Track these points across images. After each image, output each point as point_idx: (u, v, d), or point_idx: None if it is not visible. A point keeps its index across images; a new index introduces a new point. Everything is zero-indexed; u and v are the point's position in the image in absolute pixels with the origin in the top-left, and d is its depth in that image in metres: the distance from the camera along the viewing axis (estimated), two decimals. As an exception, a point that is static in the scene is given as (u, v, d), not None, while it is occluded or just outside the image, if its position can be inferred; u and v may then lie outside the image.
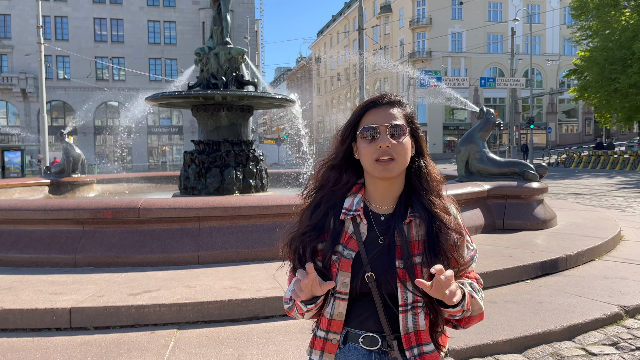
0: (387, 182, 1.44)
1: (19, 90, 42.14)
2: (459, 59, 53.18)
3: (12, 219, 5.59)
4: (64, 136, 12.16)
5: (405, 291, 1.35)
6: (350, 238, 1.42)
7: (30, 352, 3.44)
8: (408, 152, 1.44)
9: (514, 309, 4.13)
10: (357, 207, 1.45)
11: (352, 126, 1.49)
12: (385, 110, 1.45)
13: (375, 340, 1.39)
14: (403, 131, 1.42)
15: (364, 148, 1.42)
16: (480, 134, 7.96)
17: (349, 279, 1.39)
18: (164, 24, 46.15)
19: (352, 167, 1.52)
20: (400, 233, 1.39)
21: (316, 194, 1.54)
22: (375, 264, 1.38)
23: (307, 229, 1.47)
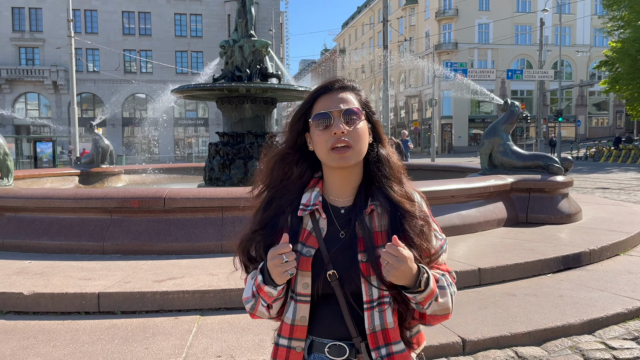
0: (345, 172, 1.35)
1: (50, 82, 43.17)
2: (486, 50, 52.36)
3: (44, 207, 5.80)
4: (93, 128, 12.47)
5: (370, 286, 1.26)
6: (310, 235, 1.33)
7: (60, 334, 3.59)
8: (365, 138, 1.34)
9: (534, 302, 4.12)
10: (315, 201, 1.36)
11: (302, 114, 1.38)
12: (338, 95, 1.35)
13: (342, 349, 1.28)
14: (358, 116, 1.33)
15: (318, 136, 1.32)
16: (504, 127, 7.88)
17: (309, 278, 1.29)
18: (190, 16, 46.61)
19: (305, 159, 1.41)
20: (362, 224, 1.30)
21: (267, 190, 1.42)
22: (337, 260, 1.29)
23: (257, 227, 1.38)
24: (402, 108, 61.18)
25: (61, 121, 40.86)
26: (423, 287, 1.23)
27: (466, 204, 6.64)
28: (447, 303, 1.29)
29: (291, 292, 1.32)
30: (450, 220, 6.29)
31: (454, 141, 52.36)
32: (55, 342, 3.44)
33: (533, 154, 7.99)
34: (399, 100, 60.84)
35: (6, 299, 4.06)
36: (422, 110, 55.60)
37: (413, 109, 58.70)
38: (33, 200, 5.91)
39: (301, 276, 1.29)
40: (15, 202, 5.94)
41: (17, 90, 43.55)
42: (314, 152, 1.37)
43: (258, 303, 1.32)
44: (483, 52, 52.72)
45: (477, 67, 47.85)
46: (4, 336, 3.58)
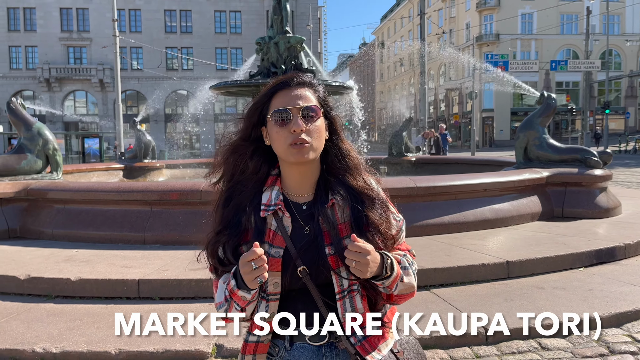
0: (303, 167, 1.36)
1: (97, 80, 44.75)
2: (529, 41, 50.89)
3: (90, 199, 6.15)
4: (136, 124, 12.97)
5: (340, 278, 1.30)
6: (275, 234, 1.34)
7: (103, 316, 3.86)
8: (322, 134, 1.36)
9: (562, 295, 4.12)
10: (277, 200, 1.36)
11: (259, 107, 1.39)
12: (297, 92, 1.36)
13: (321, 335, 1.33)
14: (316, 113, 1.35)
15: (277, 133, 1.33)
16: (540, 120, 7.77)
17: (279, 278, 1.31)
18: (230, 13, 47.29)
19: (260, 153, 1.41)
20: (325, 218, 1.33)
21: (224, 184, 1.43)
22: (305, 256, 1.32)
23: (221, 227, 1.39)
24: (442, 101, 60.29)
25: (107, 118, 42.36)
26: (389, 273, 1.29)
27: (499, 197, 6.61)
28: (411, 282, 1.36)
29: (262, 293, 1.33)
30: (482, 214, 6.30)
31: (496, 135, 51.26)
32: (99, 325, 3.70)
33: (570, 147, 7.87)
34: (438, 94, 60.00)
35: (55, 284, 4.38)
36: (462, 103, 54.66)
37: (453, 102, 57.76)
38: (80, 193, 6.27)
39: (271, 277, 1.30)
40: (64, 195, 6.32)
41: (66, 89, 45.35)
42: (270, 146, 1.38)
43: (231, 307, 1.31)
44: (526, 43, 51.26)
45: (519, 59, 46.62)
46: (52, 318, 3.87)
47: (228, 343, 3.31)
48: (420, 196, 6.15)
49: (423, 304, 3.93)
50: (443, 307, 3.85)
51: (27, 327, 3.71)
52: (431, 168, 11.96)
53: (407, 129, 12.99)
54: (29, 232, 6.37)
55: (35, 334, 3.56)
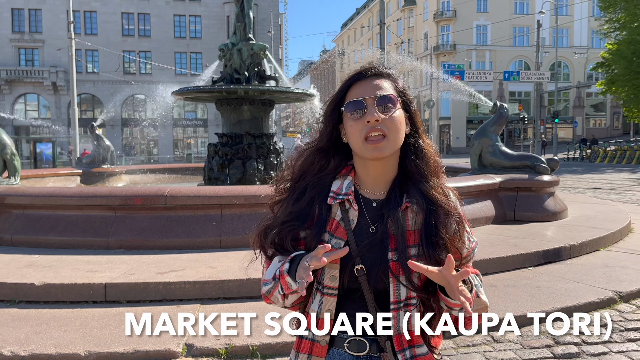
0: (379, 163, 1.29)
1: (49, 83, 43.38)
2: (484, 52, 52.68)
3: (51, 204, 6.08)
4: (95, 128, 12.74)
5: (398, 286, 1.22)
6: (338, 225, 1.27)
7: (70, 320, 3.87)
8: (401, 127, 1.27)
9: (513, 292, 4.41)
10: (348, 190, 1.30)
11: (336, 103, 1.33)
12: (373, 82, 1.29)
13: (362, 344, 1.25)
14: (393, 103, 1.26)
15: (351, 126, 1.26)
16: (494, 128, 8.18)
17: (337, 271, 1.25)
18: (190, 18, 46.85)
19: (340, 152, 1.35)
20: (395, 221, 1.25)
21: (299, 182, 1.36)
22: (366, 255, 1.25)
23: (289, 218, 1.31)
24: (401, 109, 61.45)
25: (60, 122, 41.09)
26: (471, 286, 1.21)
27: (455, 202, 6.90)
28: (486, 300, 1.28)
29: (317, 284, 1.27)
30: (439, 218, 6.57)
31: (452, 142, 52.68)
32: (67, 328, 3.72)
33: (521, 155, 8.29)
34: (397, 101, 61.11)
35: (18, 289, 4.35)
36: (420, 111, 55.81)
37: (411, 110, 58.95)
38: (40, 198, 6.19)
39: (329, 268, 1.24)
40: (23, 200, 6.23)
41: (17, 91, 43.75)
42: (348, 144, 1.32)
43: (276, 288, 1.26)
44: (481, 54, 53.05)
45: (475, 69, 48.18)
46: (18, 322, 3.86)
47: (198, 342, 3.41)
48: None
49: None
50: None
51: (-8, 332, 3.69)
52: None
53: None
54: (-15, 238, 6.22)
55: (1, 338, 3.55)
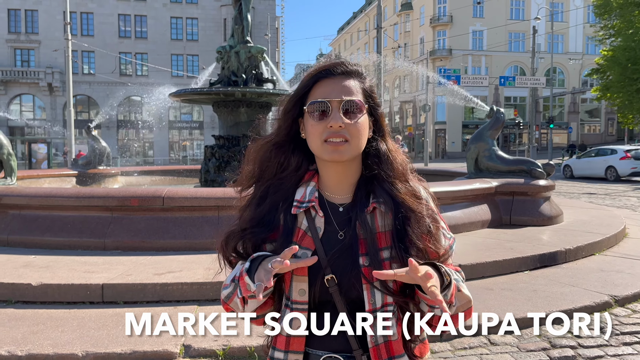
0: (340, 166, 1.23)
1: (45, 84, 43.25)
2: (480, 57, 52.92)
3: (48, 205, 6.06)
4: (91, 130, 12.72)
5: (373, 292, 1.15)
6: (305, 235, 1.20)
7: (67, 320, 3.86)
8: (364, 133, 1.21)
9: (509, 296, 4.43)
10: (311, 197, 1.23)
11: (298, 98, 1.25)
12: (340, 82, 1.21)
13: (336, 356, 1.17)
14: (359, 109, 1.20)
15: (312, 126, 1.19)
16: (490, 133, 8.22)
17: (306, 284, 1.17)
18: (187, 20, 46.86)
19: (300, 148, 1.28)
20: (363, 224, 1.18)
21: (259, 183, 1.29)
22: (336, 264, 1.17)
23: (249, 225, 1.24)
24: (397, 113, 61.64)
25: (56, 123, 40.93)
26: (449, 279, 1.14)
27: (451, 205, 6.94)
28: (468, 294, 1.19)
29: (286, 300, 1.20)
30: (436, 221, 6.60)
31: (448, 146, 52.83)
32: (64, 328, 3.71)
33: (517, 159, 8.34)
34: (393, 106, 61.31)
35: (15, 290, 4.34)
36: (416, 115, 56.08)
37: (407, 114, 59.17)
38: (37, 198, 6.17)
39: (297, 282, 1.18)
40: (20, 200, 6.21)
41: (12, 92, 43.59)
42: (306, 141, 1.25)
43: (235, 293, 1.17)
44: (477, 59, 53.28)
45: (470, 74, 48.38)
46: (15, 322, 3.85)
47: (196, 343, 3.41)
48: (378, 204, 6.39)
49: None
50: (400, 308, 4.07)
51: (-12, 331, 3.67)
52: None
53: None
54: (-19, 238, 6.20)
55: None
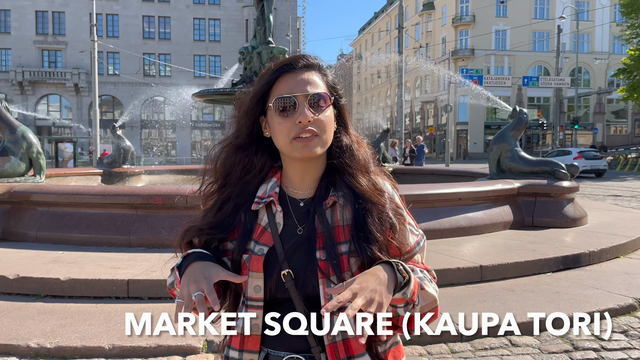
0: (307, 162, 1.20)
1: (72, 85, 44.17)
2: (503, 57, 52.30)
3: (75, 202, 6.23)
4: (116, 129, 12.96)
5: (329, 287, 1.09)
6: (264, 231, 1.17)
7: (94, 314, 3.97)
8: (331, 126, 1.19)
9: (531, 297, 4.40)
10: (271, 192, 1.20)
11: (260, 95, 1.20)
12: (303, 76, 1.18)
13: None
14: (325, 101, 1.17)
15: (279, 124, 1.15)
16: (513, 133, 8.15)
17: (262, 281, 1.13)
18: (209, 21, 47.35)
19: (263, 147, 1.24)
20: (321, 218, 1.15)
21: (223, 188, 1.25)
22: (293, 258, 1.13)
23: (207, 227, 1.21)
24: (418, 113, 61.30)
25: (81, 122, 41.73)
26: (408, 276, 1.07)
27: (473, 206, 6.91)
28: (433, 293, 1.13)
29: (243, 297, 1.17)
30: (457, 222, 6.58)
31: (469, 147, 52.34)
32: (91, 322, 3.82)
33: (540, 160, 8.25)
34: (414, 106, 61.00)
35: (44, 284, 4.47)
36: (437, 116, 55.71)
37: (429, 115, 58.81)
38: (65, 195, 6.34)
39: (252, 278, 1.14)
40: (49, 198, 6.38)
41: (40, 92, 44.62)
42: (270, 138, 1.21)
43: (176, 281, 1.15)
44: (500, 59, 52.67)
45: (493, 74, 47.87)
46: (43, 316, 3.97)
47: (219, 339, 3.47)
48: (399, 204, 6.39)
49: (402, 304, 4.15)
50: (421, 307, 4.08)
51: (20, 324, 3.80)
52: (408, 178, 12.29)
53: (384, 139, 13.33)
54: (12, 234, 6.39)
55: (28, 331, 3.66)
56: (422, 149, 20.45)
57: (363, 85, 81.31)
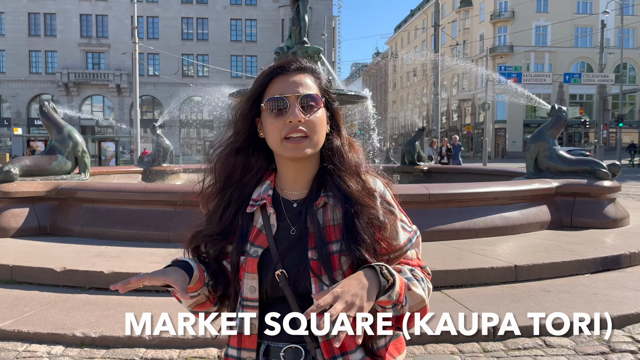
0: (299, 163, 1.23)
1: (114, 85, 45.55)
2: (543, 53, 50.98)
3: (118, 199, 6.48)
4: (156, 129, 13.34)
5: (321, 286, 1.13)
6: (259, 233, 1.21)
7: (135, 306, 4.14)
8: (323, 127, 1.22)
9: (567, 298, 4.34)
10: (264, 195, 1.24)
11: (255, 97, 1.24)
12: (296, 78, 1.21)
13: (298, 352, 1.16)
14: (317, 102, 1.20)
15: (270, 124, 1.19)
16: (551, 132, 7.99)
17: (256, 282, 1.17)
18: (246, 22, 47.94)
19: (259, 149, 1.28)
20: (313, 218, 1.18)
21: (223, 190, 1.29)
22: (286, 259, 1.18)
23: (214, 233, 1.27)
24: (455, 111, 60.44)
25: (123, 122, 43.04)
26: (392, 279, 1.09)
27: (509, 206, 6.82)
28: (420, 293, 1.15)
29: (240, 298, 1.21)
30: (492, 222, 6.51)
31: (508, 146, 51.27)
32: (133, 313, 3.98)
33: (579, 159, 8.06)
34: (451, 104, 60.16)
35: (89, 277, 4.69)
36: (475, 114, 54.79)
37: (466, 113, 57.89)
38: (108, 192, 6.60)
39: (247, 279, 1.19)
40: (93, 195, 6.66)
41: (84, 93, 46.21)
42: (264, 139, 1.25)
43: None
44: (540, 55, 51.36)
45: (533, 71, 46.73)
46: (88, 307, 4.17)
47: (253, 332, 3.57)
48: (433, 203, 6.39)
49: (434, 303, 4.14)
50: (453, 306, 4.08)
51: (66, 314, 4.01)
52: (443, 177, 12.19)
53: (419, 138, 13.23)
54: (58, 229, 6.69)
55: (73, 321, 3.85)
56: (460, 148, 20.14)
57: (399, 84, 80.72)
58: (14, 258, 5.22)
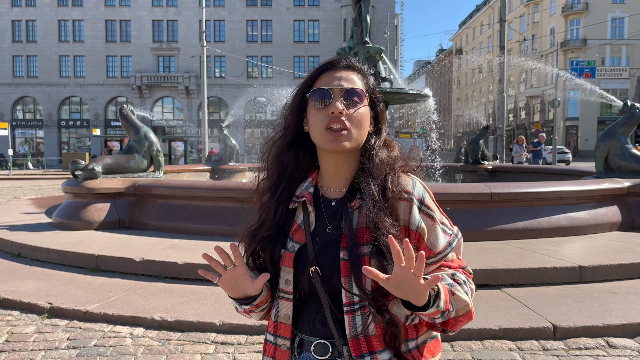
0: (339, 158, 1.24)
1: (183, 87, 47.50)
2: (620, 46, 48.18)
3: (189, 195, 6.90)
4: (224, 129, 13.90)
5: (351, 287, 1.15)
6: (298, 229, 1.25)
7: (206, 295, 4.46)
8: (365, 124, 1.23)
9: (634, 300, 4.23)
10: (305, 192, 1.28)
11: (303, 91, 1.27)
12: (342, 74, 1.24)
13: (326, 347, 1.19)
14: (360, 98, 1.22)
15: (314, 115, 1.22)
16: (623, 129, 7.68)
17: (291, 275, 1.22)
18: (308, 22, 48.51)
19: (305, 145, 1.30)
20: (347, 219, 1.19)
21: (275, 184, 1.32)
22: (321, 257, 1.20)
23: (266, 233, 1.29)
24: (523, 109, 58.29)
25: (191, 123, 44.84)
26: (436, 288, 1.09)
27: (576, 206, 6.65)
28: (464, 298, 1.14)
29: (277, 290, 1.26)
30: (557, 222, 6.38)
31: (580, 144, 48.89)
32: (204, 301, 4.29)
33: (655, 158, 7.67)
34: (519, 101, 58.09)
35: (164, 267, 5.07)
36: (544, 111, 52.61)
37: (535, 110, 55.70)
38: (180, 189, 7.04)
39: (284, 272, 1.23)
40: (167, 191, 7.12)
41: (156, 95, 48.48)
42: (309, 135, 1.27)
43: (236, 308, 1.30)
44: (616, 49, 48.58)
45: (608, 65, 44.28)
46: (164, 294, 4.53)
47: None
48: (495, 202, 6.34)
49: (493, 300, 4.19)
50: (513, 304, 4.09)
51: (145, 300, 4.38)
52: (509, 176, 11.92)
53: (483, 136, 13.00)
54: (135, 223, 7.21)
55: (152, 306, 4.21)
56: (523, 152, 19.45)
57: (463, 81, 78.84)
58: (99, 248, 5.72)
